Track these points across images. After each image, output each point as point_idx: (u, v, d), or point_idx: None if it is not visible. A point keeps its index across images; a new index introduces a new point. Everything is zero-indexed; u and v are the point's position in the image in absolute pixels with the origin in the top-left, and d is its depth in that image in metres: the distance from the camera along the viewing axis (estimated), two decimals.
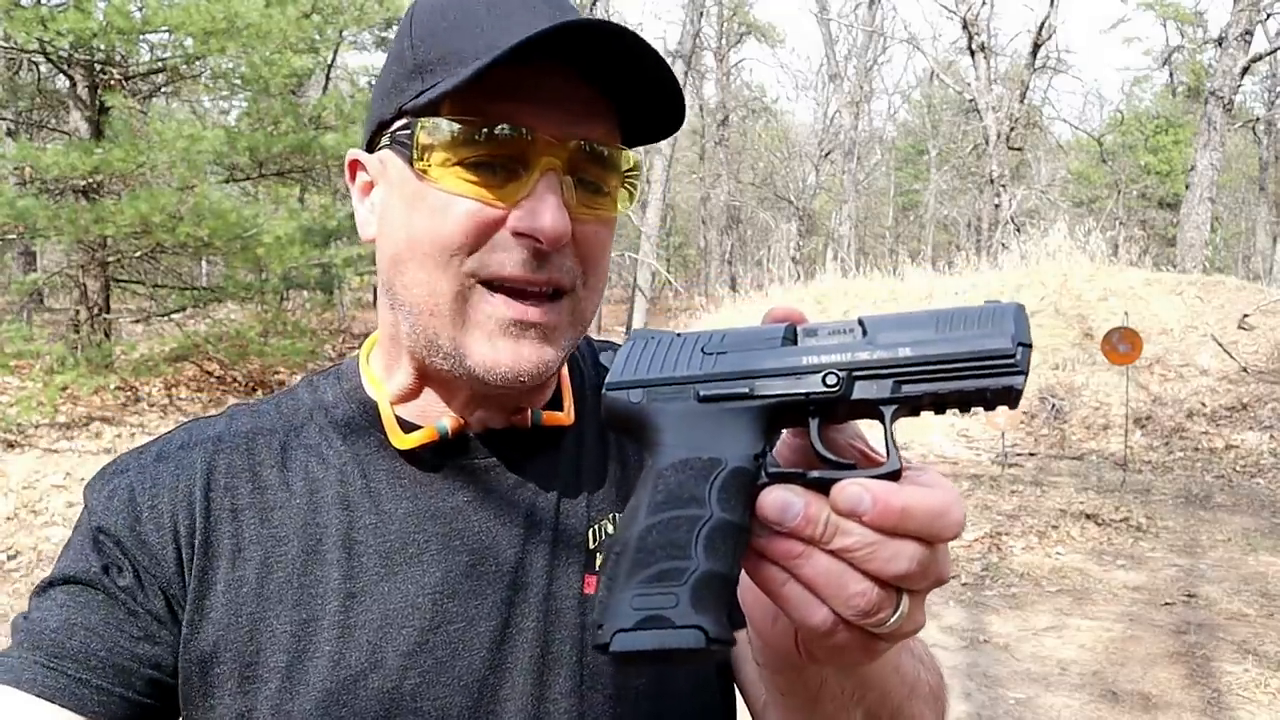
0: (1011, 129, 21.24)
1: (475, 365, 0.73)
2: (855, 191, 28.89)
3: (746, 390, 0.54)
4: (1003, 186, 19.86)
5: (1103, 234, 15.41)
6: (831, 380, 0.53)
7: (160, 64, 11.25)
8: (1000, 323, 0.54)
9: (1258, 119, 29.49)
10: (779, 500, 0.50)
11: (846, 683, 0.63)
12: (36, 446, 8.04)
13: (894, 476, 0.52)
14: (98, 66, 10.25)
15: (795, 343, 0.55)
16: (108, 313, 10.68)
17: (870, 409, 0.54)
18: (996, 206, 19.97)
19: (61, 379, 8.52)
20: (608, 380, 0.56)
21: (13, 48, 10.10)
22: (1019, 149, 25.20)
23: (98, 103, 10.12)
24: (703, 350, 0.56)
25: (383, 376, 0.82)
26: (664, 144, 19.76)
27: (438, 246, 0.71)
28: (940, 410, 0.55)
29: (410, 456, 0.79)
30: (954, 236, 35.14)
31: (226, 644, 0.73)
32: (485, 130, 0.70)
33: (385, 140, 0.76)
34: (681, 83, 0.75)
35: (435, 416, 0.80)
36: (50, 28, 8.49)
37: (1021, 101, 22.38)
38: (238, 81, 10.97)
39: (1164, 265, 17.00)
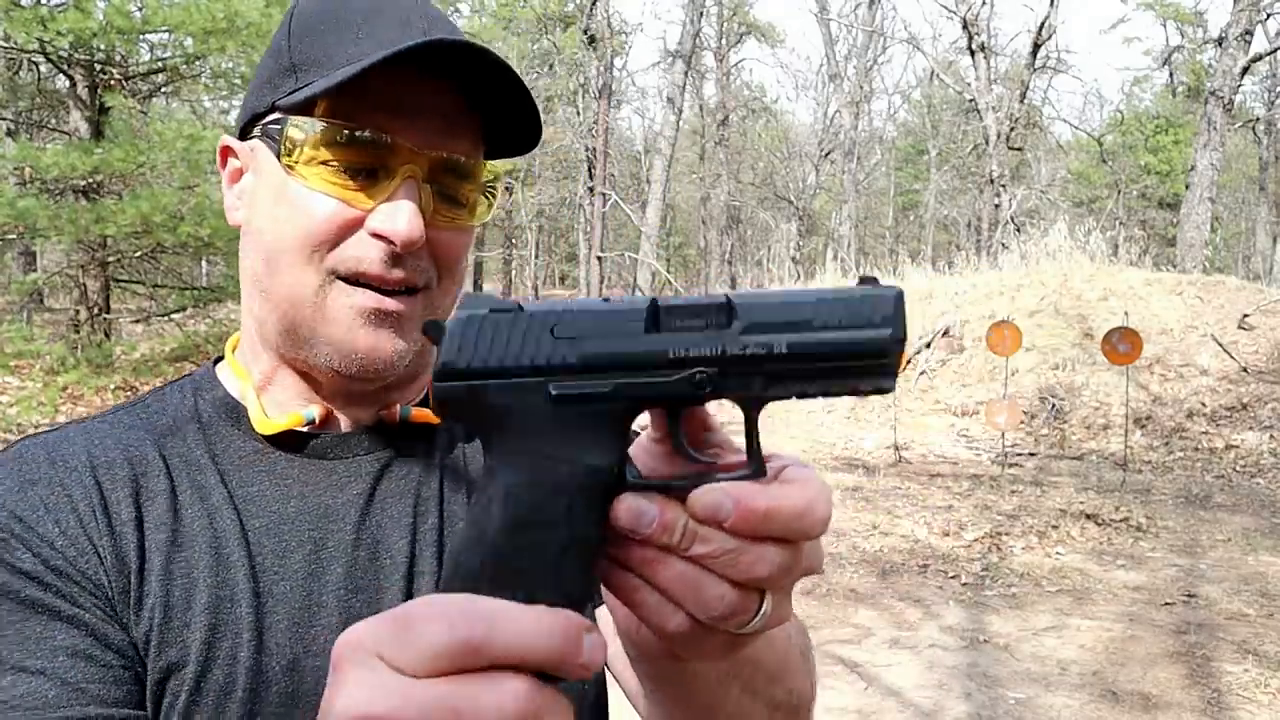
0: (1011, 129, 21.24)
1: (331, 354, 0.76)
2: (855, 191, 28.89)
3: (607, 390, 0.47)
4: (1003, 186, 19.87)
5: (1103, 234, 15.42)
6: (700, 378, 0.48)
7: (160, 64, 11.25)
8: (880, 314, 0.50)
9: (1258, 119, 29.50)
10: (633, 508, 0.47)
11: (718, 666, 0.61)
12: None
13: (758, 475, 0.49)
14: (98, 66, 10.25)
15: (659, 327, 0.48)
16: (108, 313, 10.68)
17: (735, 402, 0.50)
18: (996, 206, 19.97)
19: (62, 379, 8.52)
20: (437, 365, 0.47)
21: (13, 48, 10.10)
22: (1019, 149, 25.20)
23: (98, 103, 10.13)
24: (553, 333, 0.47)
25: (247, 367, 0.83)
26: (664, 144, 19.75)
27: (300, 241, 0.74)
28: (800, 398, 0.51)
29: (291, 452, 0.79)
30: (954, 236, 35.14)
31: (146, 660, 0.71)
32: (352, 134, 0.73)
33: (257, 131, 0.78)
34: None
35: (297, 406, 0.81)
36: (50, 28, 8.49)
37: (1021, 101, 22.38)
38: (238, 81, 10.96)
39: (1164, 265, 17.00)
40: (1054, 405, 10.75)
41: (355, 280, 0.75)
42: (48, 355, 8.79)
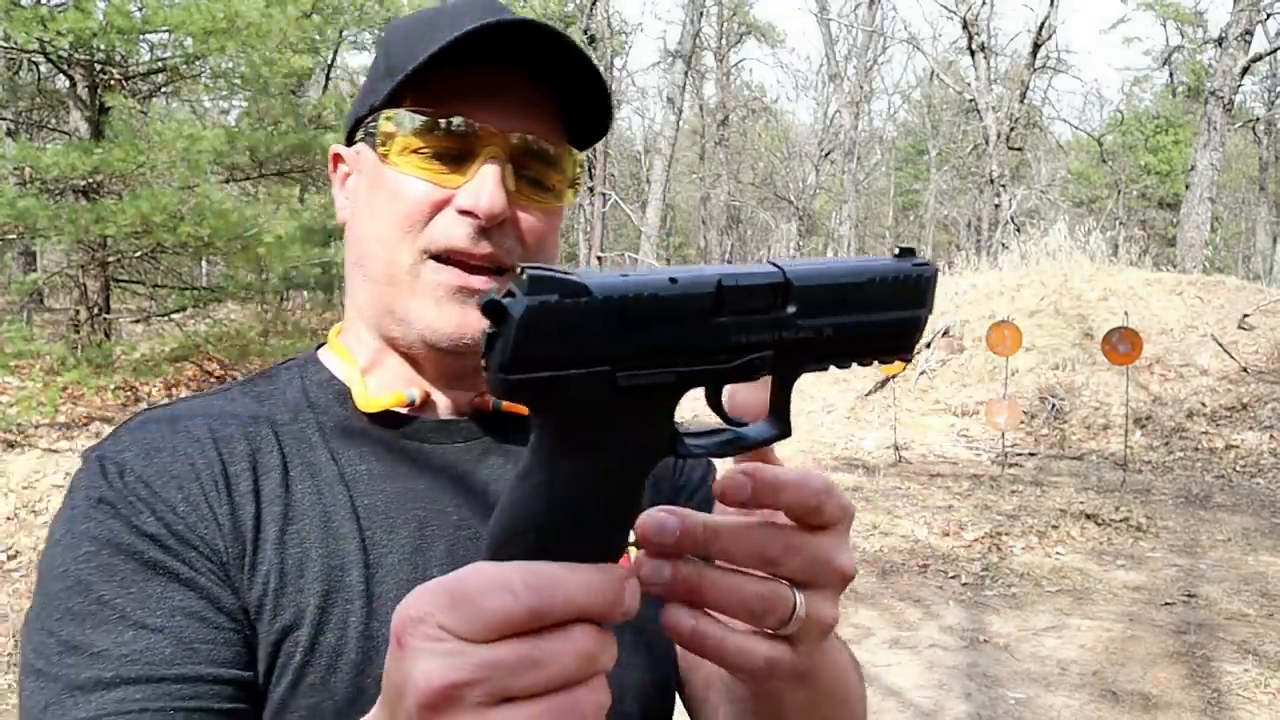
0: (1011, 129, 21.25)
1: (423, 329, 0.81)
2: (855, 191, 28.89)
3: (674, 379, 0.47)
4: (1003, 186, 19.86)
5: (1103, 234, 15.42)
6: (757, 364, 0.49)
7: (160, 64, 11.24)
8: (919, 293, 0.53)
9: (1258, 119, 29.51)
10: (655, 521, 0.51)
11: (798, 697, 0.63)
12: (36, 446, 8.04)
13: (784, 435, 0.52)
14: (98, 66, 10.25)
15: (723, 309, 0.48)
16: (108, 313, 10.68)
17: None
18: (996, 206, 19.97)
19: (62, 379, 8.52)
20: (504, 360, 0.45)
21: (13, 48, 10.09)
22: (1019, 149, 25.21)
23: (98, 103, 10.12)
24: (620, 317, 0.45)
25: (351, 351, 0.88)
26: (664, 144, 19.76)
27: (394, 222, 0.80)
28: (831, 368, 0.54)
29: (394, 434, 0.84)
30: (954, 236, 35.14)
31: (258, 625, 0.75)
32: (437, 121, 0.80)
33: (360, 134, 0.86)
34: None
35: (400, 386, 0.86)
36: (50, 28, 8.48)
37: (1021, 101, 22.38)
38: (238, 81, 10.96)
39: (1164, 265, 17.01)
40: (1054, 405, 10.75)
41: (445, 259, 0.80)
42: (48, 355, 8.79)
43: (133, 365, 9.49)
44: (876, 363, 0.53)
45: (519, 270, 0.44)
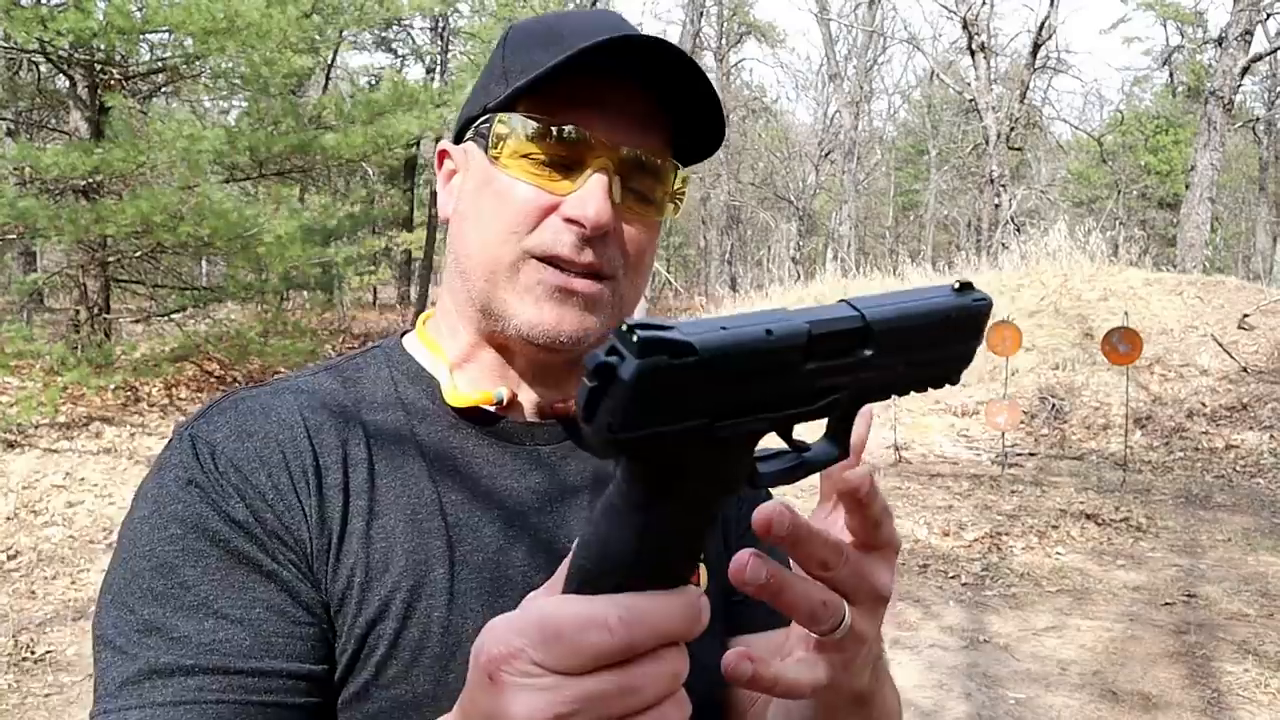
0: (1011, 129, 21.25)
1: (521, 324, 0.81)
2: (855, 191, 28.89)
3: (765, 427, 0.49)
4: (1003, 186, 19.86)
5: (1103, 234, 15.42)
6: (834, 404, 0.51)
7: (160, 64, 11.24)
8: (978, 326, 0.55)
9: (1258, 119, 29.51)
10: (771, 513, 0.54)
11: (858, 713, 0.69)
12: (36, 446, 8.04)
13: (843, 458, 0.55)
14: (98, 66, 10.24)
15: (812, 356, 0.49)
16: (108, 313, 10.68)
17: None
18: (996, 206, 19.97)
19: (62, 379, 8.52)
20: (615, 422, 0.44)
21: (13, 48, 10.10)
22: (1019, 149, 25.20)
23: (98, 103, 10.11)
24: (722, 374, 0.45)
25: (442, 344, 0.89)
26: None
27: (501, 222, 0.81)
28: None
29: (481, 432, 0.85)
30: (954, 236, 35.13)
31: (339, 618, 0.75)
32: (550, 129, 0.80)
33: (470, 134, 0.86)
34: None
35: (489, 385, 0.87)
36: (50, 28, 8.48)
37: (1021, 101, 22.38)
38: (238, 81, 10.97)
39: (1164, 265, 17.01)
40: (1054, 405, 10.75)
41: (547, 261, 0.80)
42: (48, 355, 8.79)
43: (133, 365, 9.49)
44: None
45: (627, 328, 0.44)
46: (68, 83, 10.79)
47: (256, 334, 10.23)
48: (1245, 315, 11.53)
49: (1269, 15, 18.67)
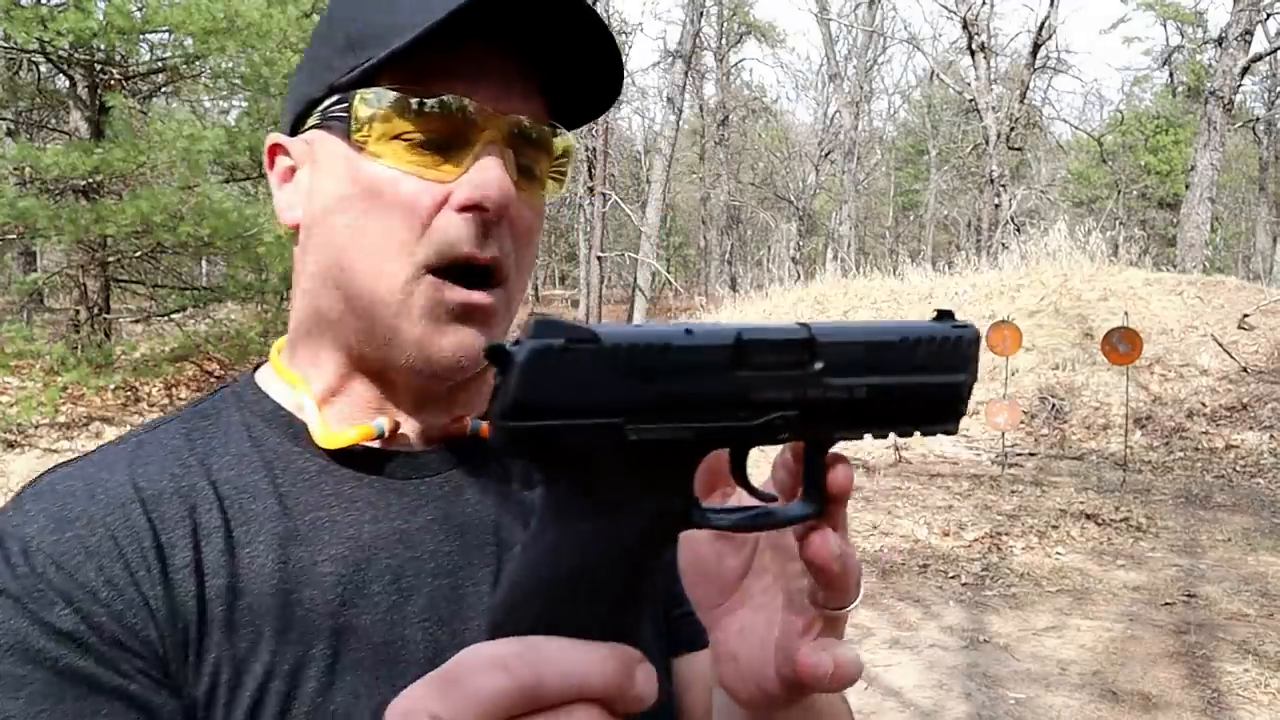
0: (1011, 129, 21.26)
1: (416, 355, 0.69)
2: (855, 191, 28.90)
3: (689, 437, 0.44)
4: (1003, 186, 19.87)
5: (1103, 234, 15.42)
6: (779, 423, 0.46)
7: (160, 64, 11.25)
8: (959, 357, 0.50)
9: (1258, 119, 29.52)
10: (828, 545, 0.51)
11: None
12: (36, 446, 8.04)
13: (819, 515, 0.50)
14: (98, 66, 10.25)
15: (742, 363, 0.45)
16: (108, 313, 10.68)
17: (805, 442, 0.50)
18: (996, 206, 19.98)
19: (62, 379, 8.52)
20: (506, 401, 0.42)
21: (13, 48, 10.10)
22: (1019, 149, 25.21)
23: (98, 103, 10.12)
24: (630, 366, 0.43)
25: (303, 375, 0.75)
26: (664, 144, 19.76)
27: (386, 231, 0.68)
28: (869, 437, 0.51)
29: (359, 472, 0.72)
30: (954, 236, 35.15)
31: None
32: (425, 101, 0.67)
33: (315, 119, 0.71)
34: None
35: (365, 417, 0.73)
36: (50, 28, 8.49)
37: (1021, 101, 22.39)
38: (238, 81, 10.96)
39: (1164, 265, 17.02)
40: (1054, 405, 10.75)
41: (446, 270, 0.68)
42: (48, 355, 8.79)
43: (133, 365, 9.50)
44: (922, 435, 0.51)
45: (529, 315, 0.42)
46: (68, 83, 10.80)
47: (256, 334, 10.23)
48: (1245, 315, 11.53)
49: (1269, 15, 18.67)
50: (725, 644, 0.60)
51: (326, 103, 0.70)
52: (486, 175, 0.67)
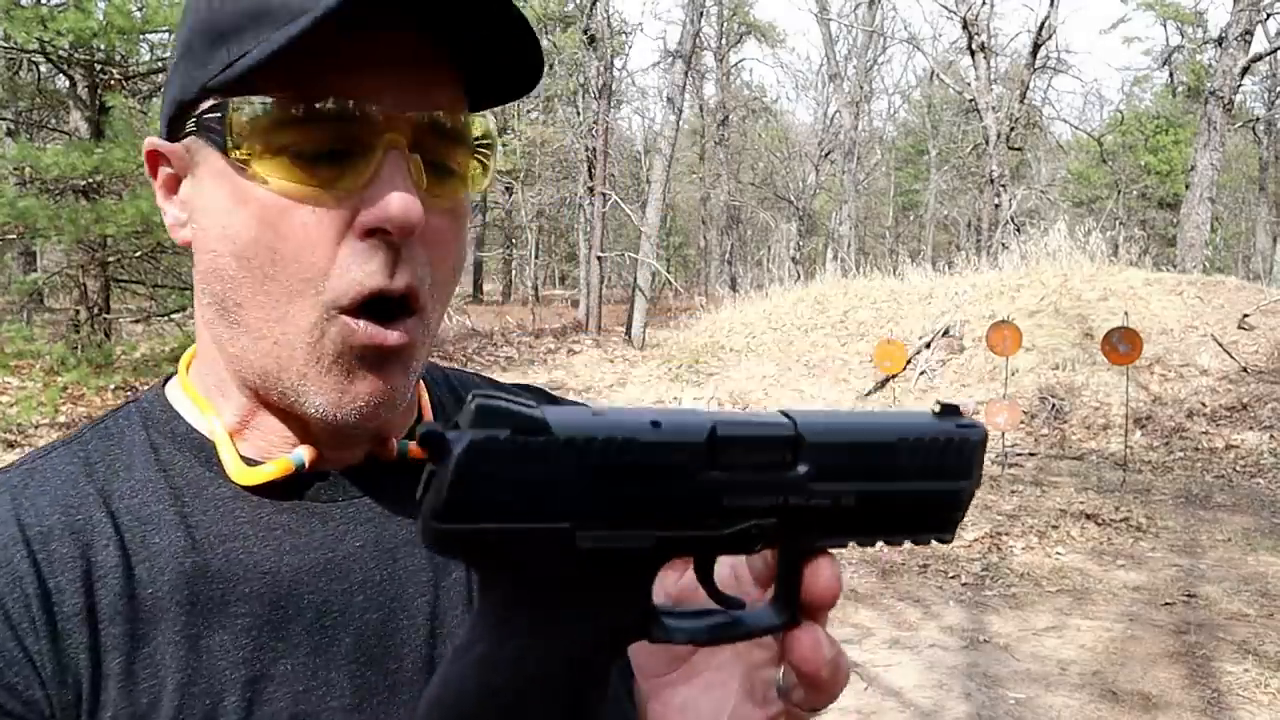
0: (1011, 129, 21.25)
1: (324, 405, 0.61)
2: (855, 191, 28.89)
3: (648, 547, 0.39)
4: (1003, 186, 19.87)
5: (1103, 234, 15.43)
6: (755, 533, 0.41)
7: (160, 64, 11.25)
8: (962, 461, 0.45)
9: (1258, 119, 29.52)
10: (815, 647, 0.46)
11: None
12: (36, 446, 8.05)
13: (791, 625, 0.45)
14: (98, 66, 10.26)
15: (715, 463, 0.40)
16: (108, 313, 10.69)
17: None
18: (996, 206, 19.98)
19: (62, 379, 8.53)
20: (437, 506, 0.37)
21: (13, 48, 10.10)
22: (1019, 149, 25.20)
23: (98, 102, 10.13)
24: (584, 463, 0.37)
25: (212, 401, 0.67)
26: (664, 144, 19.74)
27: (282, 272, 0.59)
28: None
29: (277, 498, 0.65)
30: (954, 236, 35.15)
31: None
32: (311, 107, 0.57)
33: (190, 125, 0.62)
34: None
35: (282, 449, 0.66)
36: (50, 27, 8.49)
37: (1021, 101, 22.39)
38: None
39: (1164, 265, 17.01)
40: (1054, 405, 10.75)
41: (357, 309, 0.60)
42: (48, 355, 8.80)
43: (133, 365, 9.50)
44: (913, 544, 0.46)
45: (471, 397, 0.37)
46: (68, 83, 10.80)
47: None
48: (1245, 315, 11.53)
49: (1269, 15, 18.67)
50: (663, 719, 0.55)
51: (201, 107, 0.61)
52: (388, 194, 0.57)
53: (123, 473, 0.64)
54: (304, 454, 0.65)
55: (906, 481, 0.43)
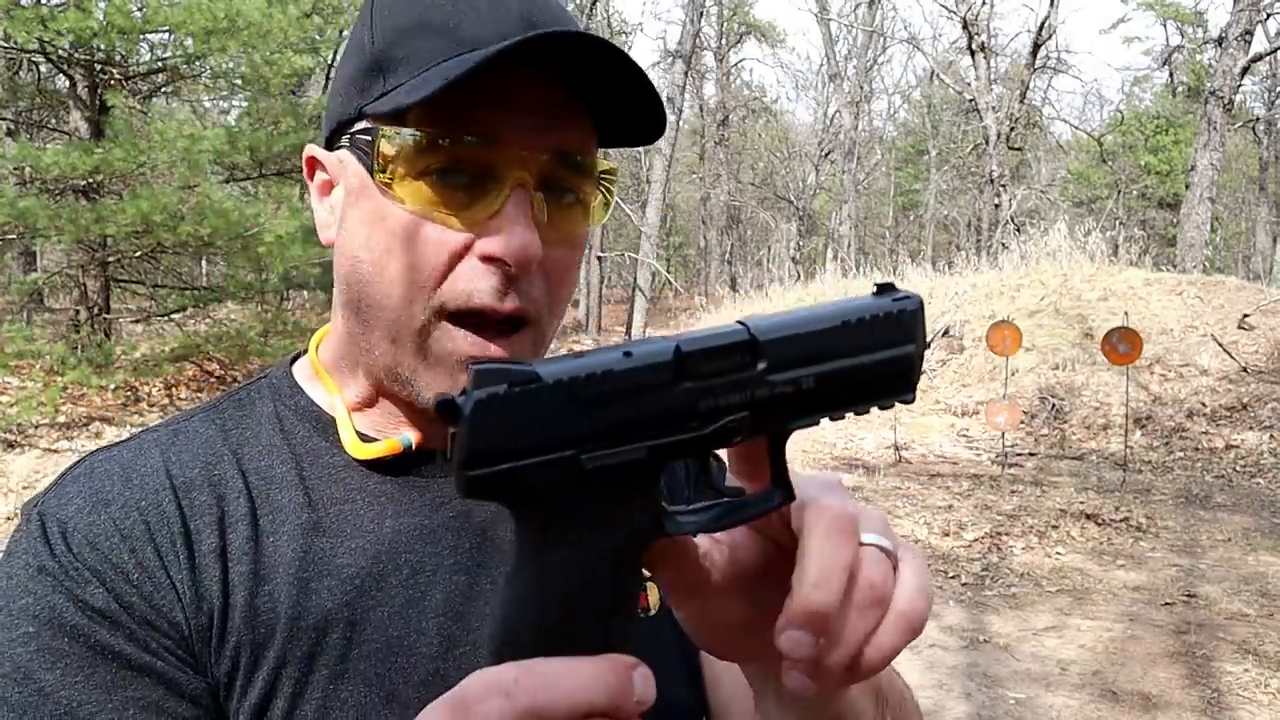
0: (1011, 129, 21.26)
1: (431, 399, 0.67)
2: (855, 191, 28.90)
3: (643, 456, 0.45)
4: (1003, 186, 19.87)
5: (1103, 234, 15.42)
6: (732, 427, 0.47)
7: (160, 64, 11.25)
8: (904, 329, 0.50)
9: (1258, 119, 29.52)
10: (794, 640, 0.46)
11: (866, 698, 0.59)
12: (36, 446, 8.04)
13: (788, 500, 0.50)
14: (98, 66, 10.25)
15: (685, 376, 0.46)
16: (108, 313, 10.69)
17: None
18: (996, 206, 19.98)
19: (63, 379, 8.53)
20: (461, 458, 0.43)
21: (13, 48, 10.10)
22: (1019, 149, 25.21)
23: (98, 102, 10.13)
24: (575, 399, 0.44)
25: (339, 380, 0.77)
26: (664, 144, 19.75)
27: (405, 275, 0.68)
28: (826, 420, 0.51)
29: (379, 472, 0.74)
30: (954, 236, 35.15)
31: (229, 704, 0.66)
32: (451, 142, 0.65)
33: (344, 140, 0.71)
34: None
35: (393, 429, 0.75)
36: (50, 27, 8.49)
37: (1021, 101, 22.39)
38: (238, 81, 10.97)
39: (1164, 265, 17.01)
40: (1054, 405, 10.75)
41: (464, 317, 0.68)
42: (48, 355, 8.80)
43: (133, 365, 9.50)
44: (880, 409, 0.51)
45: (468, 367, 0.44)
46: (68, 83, 10.80)
47: (256, 334, 10.24)
48: (1245, 315, 11.53)
49: (1269, 15, 18.67)
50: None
51: (356, 128, 0.70)
52: (511, 231, 0.65)
53: (252, 438, 0.74)
54: (411, 436, 0.74)
55: (856, 357, 0.49)
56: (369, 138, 0.67)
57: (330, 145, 0.74)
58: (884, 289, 0.51)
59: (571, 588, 0.45)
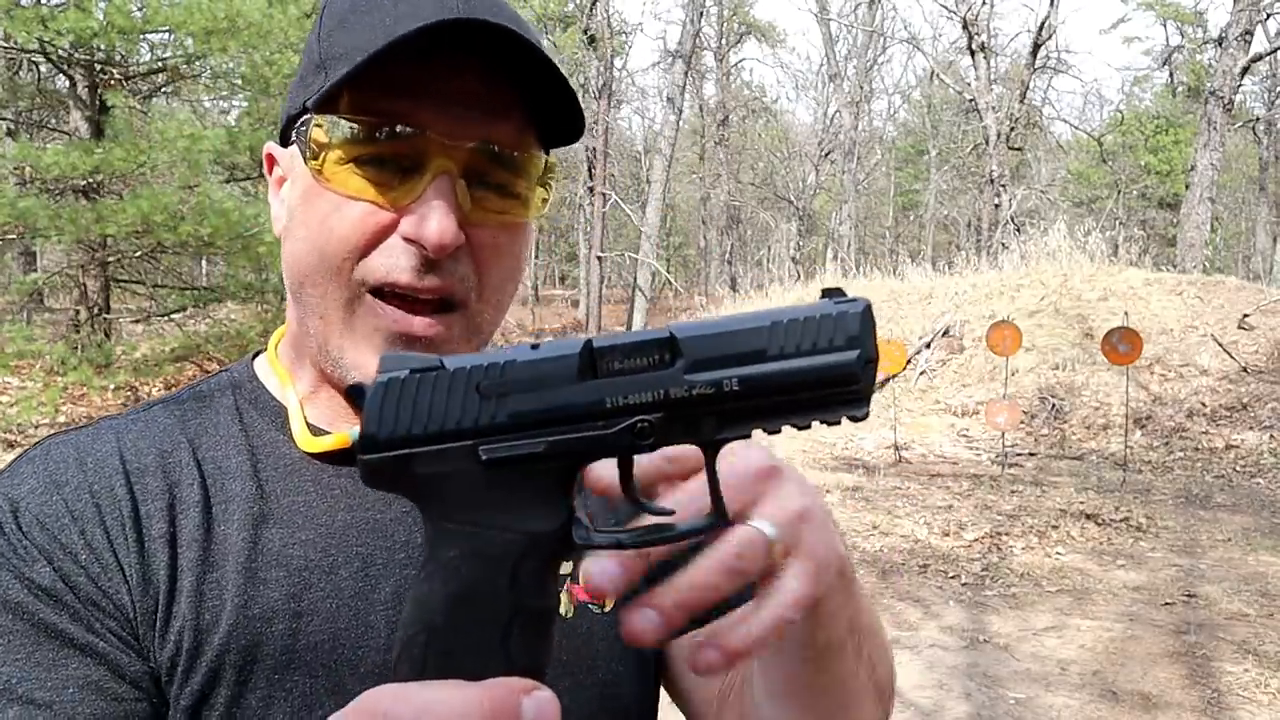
0: (1011, 129, 21.26)
1: (359, 378, 0.69)
2: (855, 191, 28.90)
3: (541, 450, 0.43)
4: (1003, 186, 19.87)
5: (1103, 234, 15.42)
6: (641, 428, 0.44)
7: (160, 63, 11.25)
8: (845, 334, 0.45)
9: (1258, 119, 29.50)
10: (597, 570, 0.45)
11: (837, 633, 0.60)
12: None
13: (720, 525, 0.46)
14: (98, 66, 10.25)
15: (594, 372, 0.44)
16: (108, 313, 10.69)
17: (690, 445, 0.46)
18: (996, 206, 19.98)
19: (63, 379, 8.52)
20: (359, 437, 0.43)
21: (13, 48, 10.10)
22: (1019, 149, 25.21)
23: (98, 102, 10.13)
24: (479, 390, 0.43)
25: (292, 372, 0.79)
26: (664, 144, 19.73)
27: (329, 250, 0.69)
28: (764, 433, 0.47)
29: (333, 464, 0.74)
30: (954, 236, 35.15)
31: (170, 689, 0.67)
32: (377, 128, 0.68)
33: (294, 135, 0.73)
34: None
35: (342, 421, 0.76)
36: (50, 27, 8.49)
37: (1021, 101, 22.39)
38: (238, 81, 10.96)
39: (1164, 265, 17.00)
40: (1054, 405, 10.75)
41: (386, 293, 0.69)
42: (48, 355, 8.80)
43: (133, 365, 9.50)
44: (825, 424, 0.46)
45: (382, 357, 0.44)
46: (68, 83, 10.80)
47: (257, 334, 10.23)
48: (1245, 315, 11.53)
49: (1269, 15, 18.67)
50: None
51: (299, 122, 0.72)
52: (429, 216, 0.67)
53: (210, 429, 0.75)
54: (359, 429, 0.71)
55: (788, 360, 0.45)
56: (306, 127, 0.70)
57: (284, 142, 0.76)
58: (829, 293, 0.47)
59: (466, 589, 0.43)
